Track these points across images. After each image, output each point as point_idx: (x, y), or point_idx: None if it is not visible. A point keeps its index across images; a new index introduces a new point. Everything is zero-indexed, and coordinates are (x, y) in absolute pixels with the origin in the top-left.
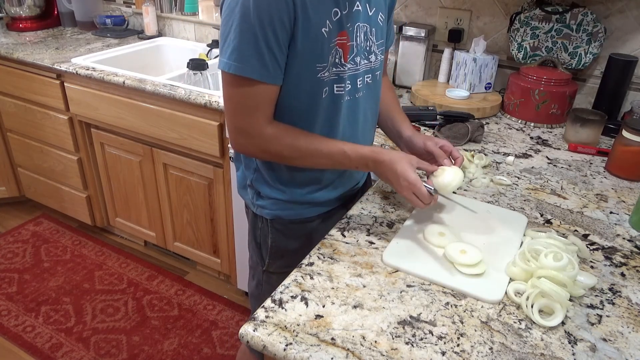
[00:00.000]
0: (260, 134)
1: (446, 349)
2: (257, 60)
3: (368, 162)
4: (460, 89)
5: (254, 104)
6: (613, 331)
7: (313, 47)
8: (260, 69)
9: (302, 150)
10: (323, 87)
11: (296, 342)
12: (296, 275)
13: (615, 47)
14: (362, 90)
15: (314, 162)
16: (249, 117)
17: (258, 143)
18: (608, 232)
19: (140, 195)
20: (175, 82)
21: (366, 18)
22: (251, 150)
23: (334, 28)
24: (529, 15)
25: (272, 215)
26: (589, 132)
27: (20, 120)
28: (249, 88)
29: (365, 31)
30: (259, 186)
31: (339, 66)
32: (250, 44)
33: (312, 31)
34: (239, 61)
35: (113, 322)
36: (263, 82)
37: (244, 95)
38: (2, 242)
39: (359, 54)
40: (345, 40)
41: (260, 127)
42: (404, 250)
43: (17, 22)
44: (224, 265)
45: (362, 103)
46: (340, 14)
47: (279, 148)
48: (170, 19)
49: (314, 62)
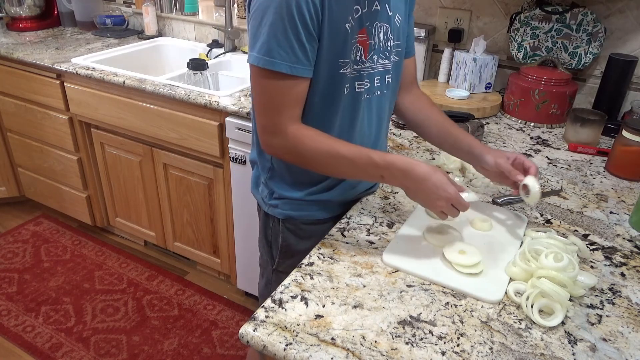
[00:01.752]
0: (285, 133)
1: (446, 349)
2: (287, 53)
3: (395, 171)
4: (460, 89)
5: (282, 100)
6: (613, 331)
7: (336, 41)
8: (291, 62)
9: (324, 153)
10: (345, 84)
11: (296, 342)
12: (296, 275)
13: (615, 47)
14: (379, 89)
15: (337, 167)
16: (277, 114)
17: (282, 143)
18: (608, 232)
19: (140, 195)
20: (175, 82)
21: (386, 18)
22: (277, 151)
23: (355, 25)
24: (529, 15)
25: (284, 215)
26: (589, 132)
27: (20, 120)
28: (278, 83)
29: (385, 31)
30: (272, 185)
31: (360, 63)
32: (281, 37)
33: (336, 25)
34: (268, 55)
35: (113, 322)
36: (293, 76)
37: (273, 91)
38: (2, 242)
39: (377, 53)
40: (365, 38)
41: (285, 125)
42: (404, 250)
43: (17, 22)
44: (224, 265)
45: (380, 102)
46: (360, 11)
47: (301, 149)
48: (170, 19)
49: (337, 57)
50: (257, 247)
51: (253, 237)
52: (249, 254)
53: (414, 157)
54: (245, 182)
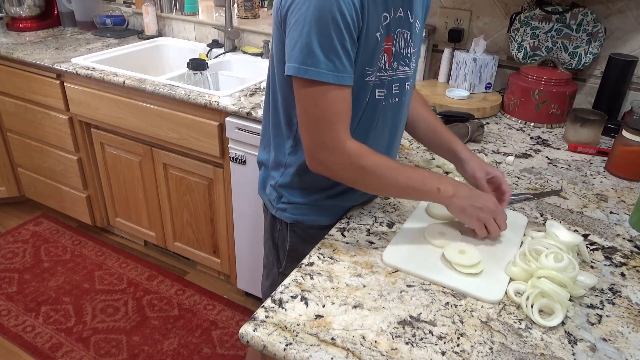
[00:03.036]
0: (344, 149)
1: (446, 349)
2: (334, 63)
3: (449, 183)
4: (460, 89)
5: (334, 112)
6: (613, 331)
7: (368, 49)
8: (338, 71)
9: (384, 167)
10: (367, 92)
11: (296, 342)
12: (296, 275)
13: (615, 47)
14: (397, 96)
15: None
16: (332, 129)
17: (342, 159)
18: (608, 232)
19: (140, 195)
20: (175, 82)
21: (408, 25)
22: (333, 167)
23: (384, 32)
24: (529, 15)
25: (293, 219)
26: (589, 132)
27: (20, 120)
28: (328, 95)
29: (406, 38)
30: (282, 189)
31: (383, 71)
32: (327, 46)
33: (370, 34)
34: (314, 65)
35: (113, 322)
36: (341, 86)
37: (324, 103)
38: (2, 242)
39: (397, 60)
40: (391, 46)
41: (343, 140)
42: (404, 250)
43: (17, 22)
44: (224, 265)
45: (396, 109)
46: (388, 18)
47: (364, 164)
48: (170, 19)
49: (365, 65)
50: (257, 247)
51: (253, 237)
52: (249, 254)
53: (413, 157)
54: (245, 182)
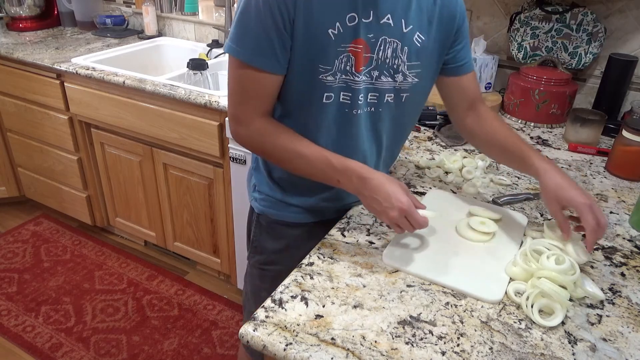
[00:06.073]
0: (248, 124)
1: (446, 349)
2: (253, 44)
3: (353, 176)
4: None
5: (249, 91)
6: (613, 331)
7: (314, 46)
8: (254, 53)
9: (283, 149)
10: (325, 92)
11: (296, 342)
12: (296, 275)
13: (615, 47)
14: (373, 106)
15: (296, 166)
16: (243, 104)
17: (246, 133)
18: (608, 232)
19: (140, 195)
20: (175, 82)
21: (399, 34)
22: (242, 140)
23: (346, 33)
24: (529, 15)
25: (260, 210)
26: (589, 132)
27: (20, 120)
28: (245, 72)
29: (394, 47)
30: (256, 179)
31: (350, 74)
32: (251, 31)
33: (315, 29)
34: (240, 45)
35: (113, 322)
36: (258, 68)
37: (241, 80)
38: (2, 242)
39: (379, 69)
40: (361, 50)
41: (250, 117)
42: (404, 250)
43: (17, 22)
44: (224, 265)
45: (376, 120)
46: (358, 20)
47: (263, 143)
48: (170, 19)
49: (315, 61)
50: None
51: None
52: None
53: (413, 157)
54: (245, 182)
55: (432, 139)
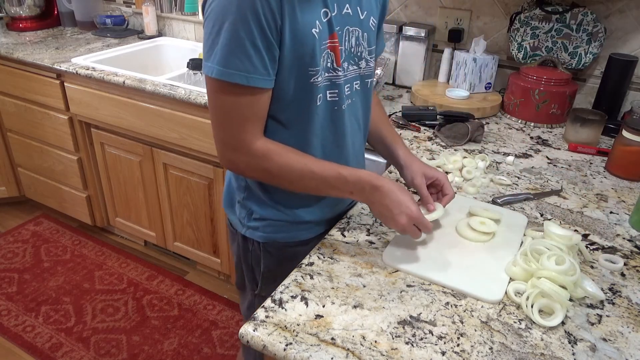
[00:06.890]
0: (248, 149)
1: (446, 349)
2: (243, 62)
3: (365, 186)
4: (460, 88)
5: (242, 113)
6: (613, 331)
7: (303, 48)
8: (247, 72)
9: (289, 170)
10: (317, 94)
11: (296, 342)
12: (296, 275)
13: (615, 47)
14: (350, 97)
15: (306, 184)
16: (237, 129)
17: (246, 160)
18: (608, 232)
19: (140, 195)
20: (175, 82)
21: (358, 22)
22: (240, 167)
23: (324, 29)
24: (529, 15)
25: (266, 238)
26: (589, 132)
27: (20, 120)
28: (236, 95)
29: (357, 36)
30: (251, 205)
31: (332, 71)
32: (236, 46)
33: (301, 31)
34: (224, 65)
35: (113, 322)
36: (251, 88)
37: (231, 104)
38: (2, 242)
39: (347, 59)
40: (337, 44)
41: (249, 141)
42: (404, 250)
43: (17, 22)
44: (224, 265)
45: (352, 111)
46: (330, 14)
47: (268, 166)
48: (170, 19)
49: (305, 65)
50: None
51: None
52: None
53: None
54: None
55: (432, 139)
